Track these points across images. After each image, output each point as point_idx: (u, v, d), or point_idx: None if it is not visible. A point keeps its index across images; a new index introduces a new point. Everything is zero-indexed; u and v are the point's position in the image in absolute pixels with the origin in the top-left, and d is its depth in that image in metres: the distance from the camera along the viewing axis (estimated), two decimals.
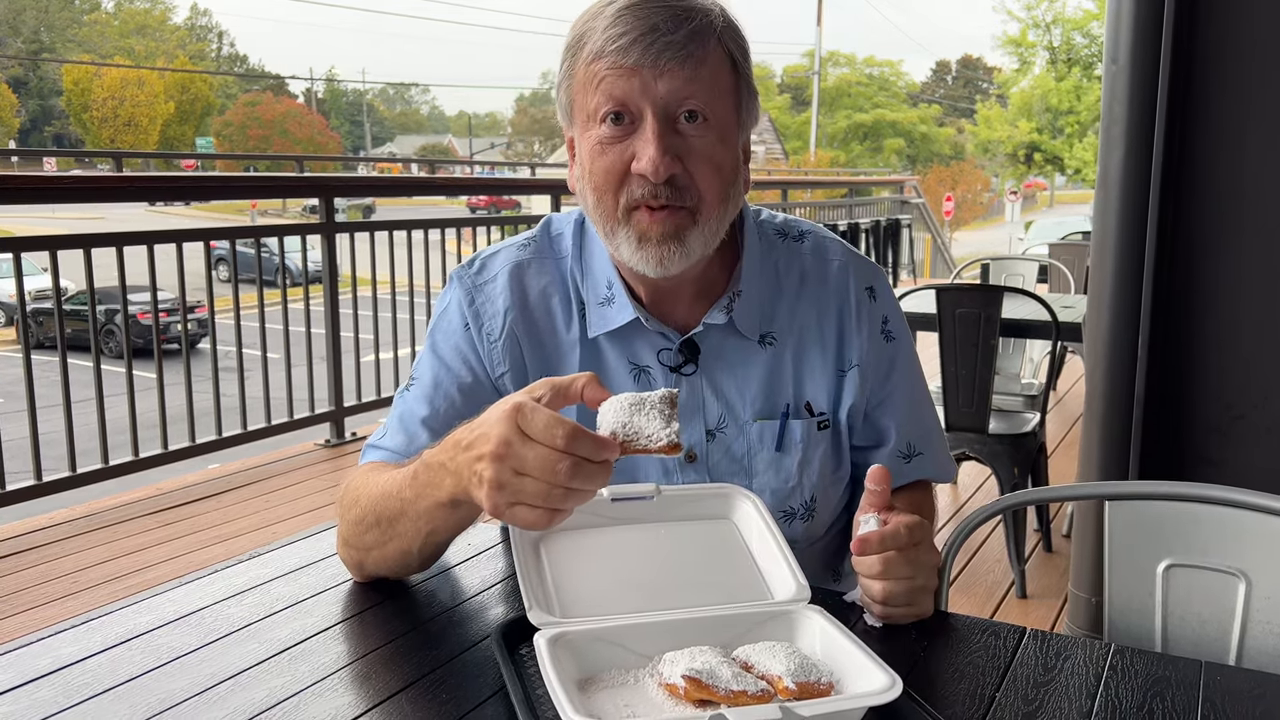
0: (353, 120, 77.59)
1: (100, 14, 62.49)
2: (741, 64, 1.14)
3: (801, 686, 0.83)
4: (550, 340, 1.23)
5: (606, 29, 1.08)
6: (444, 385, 1.22)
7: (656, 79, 1.07)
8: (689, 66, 1.07)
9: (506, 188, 16.10)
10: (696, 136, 1.09)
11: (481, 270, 1.26)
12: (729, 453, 1.22)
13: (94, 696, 0.90)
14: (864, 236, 9.75)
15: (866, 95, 58.28)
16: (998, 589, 3.24)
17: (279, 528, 3.69)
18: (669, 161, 1.08)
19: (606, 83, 1.08)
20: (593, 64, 1.09)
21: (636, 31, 1.06)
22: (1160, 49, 2.31)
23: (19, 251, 3.69)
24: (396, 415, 1.23)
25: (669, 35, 1.06)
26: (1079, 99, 37.78)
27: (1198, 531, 1.24)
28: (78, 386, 3.76)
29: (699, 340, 1.21)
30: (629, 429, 0.88)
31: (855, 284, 1.26)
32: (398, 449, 1.20)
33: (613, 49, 1.07)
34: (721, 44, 1.11)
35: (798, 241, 1.28)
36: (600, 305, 1.22)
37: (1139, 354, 2.42)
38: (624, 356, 1.22)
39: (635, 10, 1.08)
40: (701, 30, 1.08)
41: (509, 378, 1.22)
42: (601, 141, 1.10)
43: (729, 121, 1.13)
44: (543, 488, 0.86)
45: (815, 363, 1.24)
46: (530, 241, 1.27)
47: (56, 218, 21.36)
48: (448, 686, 0.92)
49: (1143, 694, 0.91)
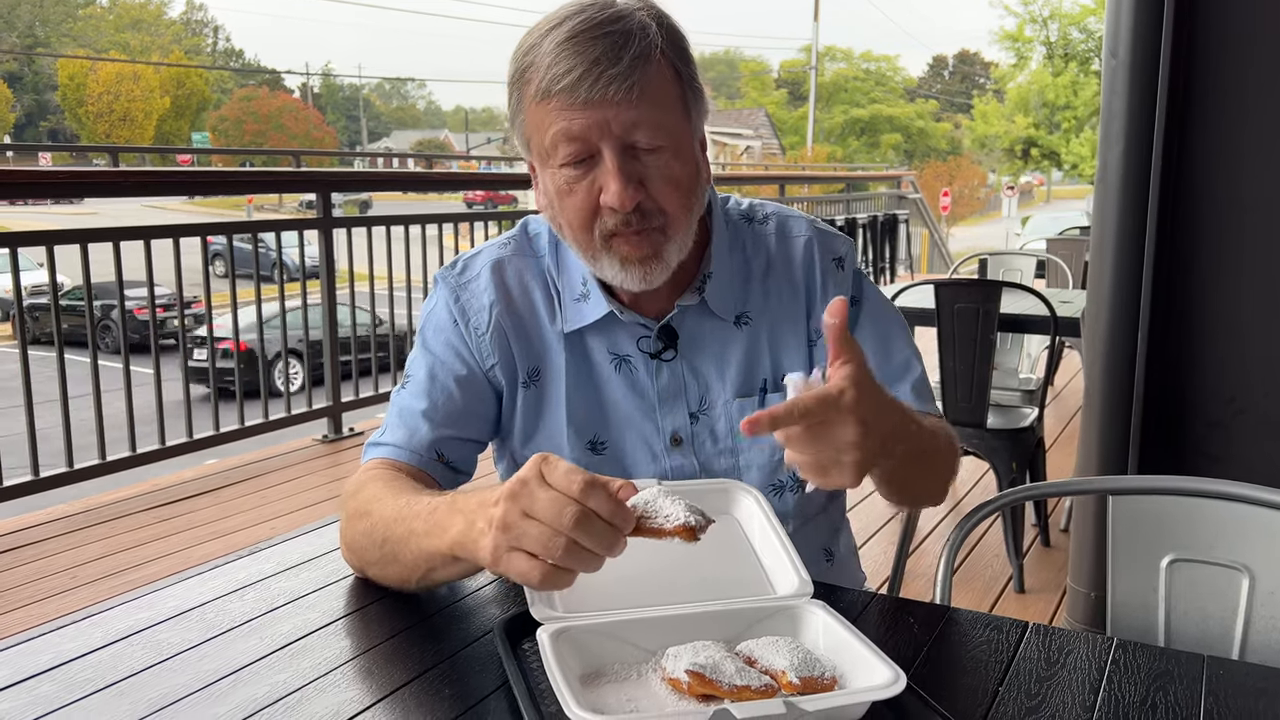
0: (349, 115, 77.44)
1: (95, 8, 62.29)
2: (684, 70, 1.14)
3: (805, 681, 0.83)
4: (535, 333, 1.25)
5: (549, 66, 1.08)
6: (440, 379, 1.23)
7: (606, 113, 1.07)
8: (635, 93, 1.07)
9: (504, 183, 16.15)
10: (654, 160, 1.11)
11: (464, 270, 1.28)
12: (713, 433, 1.24)
13: (96, 692, 0.89)
14: (861, 232, 9.74)
15: (863, 90, 58.22)
16: (996, 583, 3.25)
17: (277, 523, 3.69)
18: (633, 191, 1.10)
19: (560, 124, 1.09)
20: (541, 103, 1.10)
21: (580, 68, 1.06)
22: (1160, 44, 2.30)
23: (15, 247, 3.68)
24: (395, 412, 1.24)
25: (612, 68, 1.06)
26: (1076, 94, 37.80)
27: (1201, 526, 1.24)
28: (75, 382, 3.75)
29: (676, 325, 1.24)
30: (650, 506, 0.89)
31: (821, 256, 1.28)
32: (400, 443, 1.20)
33: (559, 90, 1.07)
34: (664, 59, 1.11)
35: (763, 224, 1.31)
36: (576, 301, 1.24)
37: (1138, 348, 2.42)
38: (605, 347, 1.25)
39: (575, 44, 1.07)
40: (643, 54, 1.08)
41: (499, 369, 1.24)
42: (568, 182, 1.12)
43: (682, 133, 1.14)
44: (546, 533, 0.84)
45: (789, 338, 1.26)
46: (510, 240, 1.30)
47: (52, 212, 21.30)
48: (451, 681, 0.92)
49: (1146, 688, 0.91)
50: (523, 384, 1.25)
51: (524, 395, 1.25)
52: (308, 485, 4.16)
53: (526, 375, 1.25)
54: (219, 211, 30.10)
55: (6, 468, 3.54)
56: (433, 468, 1.20)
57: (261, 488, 4.12)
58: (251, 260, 4.72)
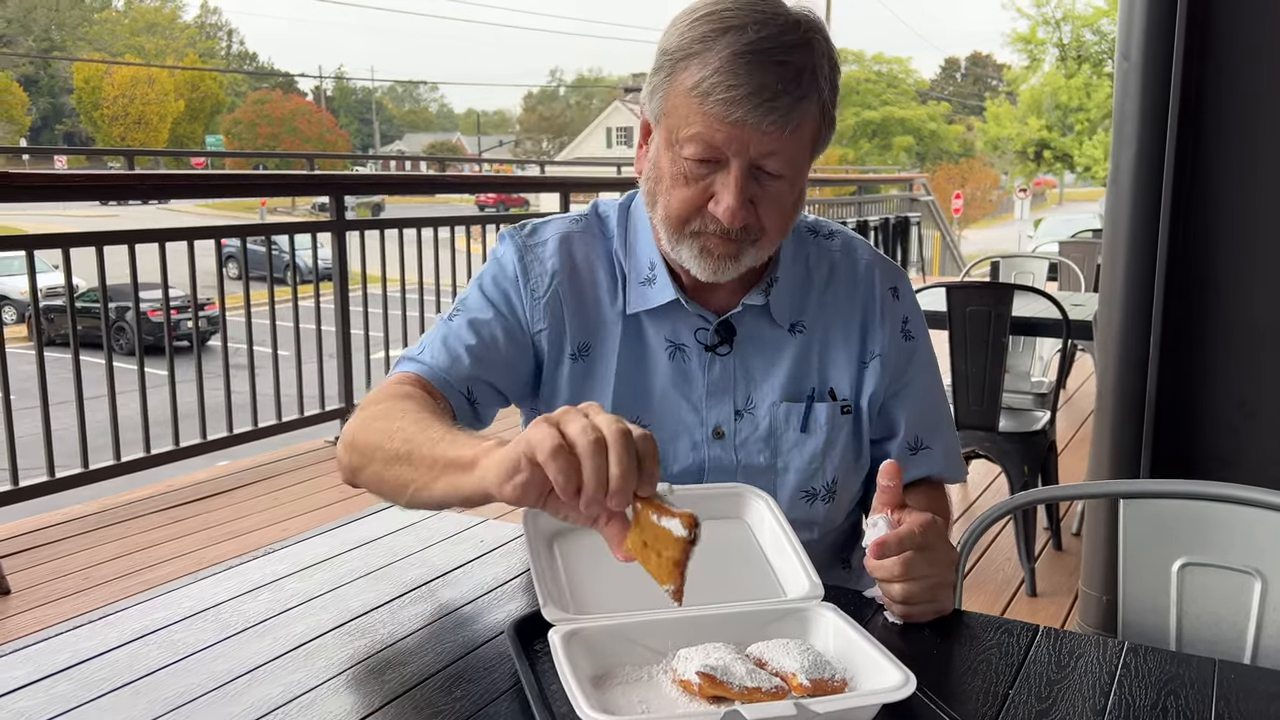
0: (361, 118, 77.68)
1: (111, 12, 62.66)
2: (831, 112, 1.14)
3: (815, 683, 0.84)
4: (594, 310, 1.26)
5: (716, 71, 1.07)
6: (491, 324, 1.24)
7: (751, 136, 1.08)
8: (786, 130, 1.08)
9: (516, 185, 16.21)
10: (773, 185, 1.13)
11: (534, 233, 1.30)
12: (756, 431, 1.25)
13: (112, 691, 0.90)
14: (873, 234, 9.72)
15: (875, 92, 58.09)
16: (1008, 587, 3.24)
17: (290, 524, 3.70)
18: (745, 213, 1.12)
19: (705, 128, 1.09)
20: (693, 97, 1.09)
21: (747, 89, 1.06)
22: (1173, 45, 2.30)
23: (31, 249, 3.70)
24: (439, 336, 1.24)
25: (775, 100, 1.06)
26: (1089, 96, 37.61)
27: (1213, 530, 1.24)
28: (90, 383, 3.77)
29: (735, 322, 1.26)
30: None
31: (881, 283, 1.31)
32: (439, 365, 1.20)
33: (720, 98, 1.07)
34: (821, 102, 1.11)
35: (828, 239, 1.34)
36: (642, 284, 1.25)
37: (1151, 351, 2.41)
38: (662, 333, 1.26)
39: (748, 61, 1.06)
40: (807, 94, 1.09)
41: (545, 335, 1.25)
42: (685, 175, 1.13)
43: (804, 165, 1.15)
44: (583, 422, 0.82)
45: (840, 351, 1.28)
46: (581, 218, 1.32)
47: (67, 215, 21.44)
48: (462, 682, 0.92)
49: (1157, 692, 0.91)
50: (570, 356, 1.26)
51: (570, 367, 1.26)
52: (320, 486, 4.18)
53: (576, 349, 1.26)
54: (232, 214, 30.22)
55: (23, 468, 3.56)
56: (459, 402, 1.20)
57: (274, 489, 4.14)
58: (265, 262, 4.75)
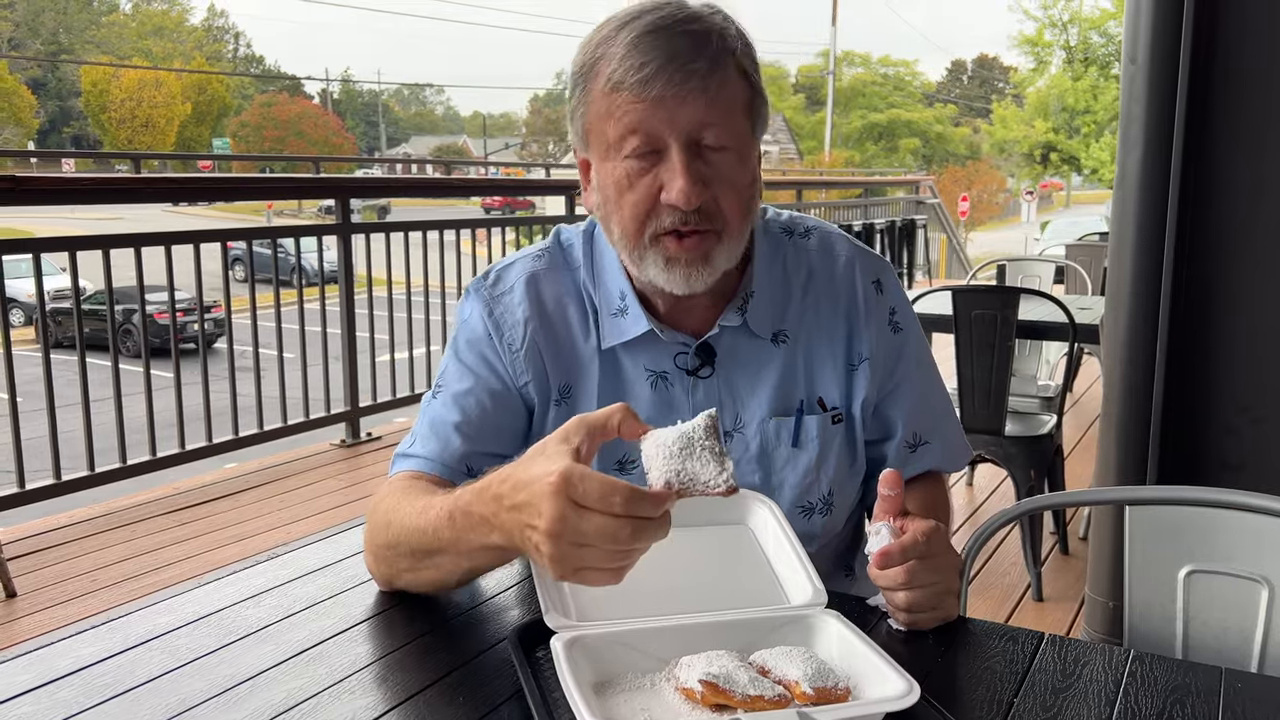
0: (368, 121, 77.85)
1: (118, 15, 62.93)
2: (754, 76, 1.13)
3: (819, 691, 0.83)
4: (569, 350, 1.23)
5: (624, 58, 1.07)
6: (474, 391, 1.21)
7: (679, 109, 1.07)
8: (710, 93, 1.07)
9: (521, 188, 16.19)
10: (719, 161, 1.11)
11: (497, 282, 1.26)
12: (747, 451, 1.23)
13: (114, 697, 0.90)
14: (879, 237, 9.70)
15: (881, 95, 58.06)
16: (1014, 592, 3.23)
17: (295, 527, 3.71)
18: (699, 190, 1.09)
19: (630, 116, 1.08)
20: (612, 94, 1.09)
21: (658, 62, 1.05)
22: (1179, 48, 2.29)
23: (38, 252, 3.71)
24: (426, 422, 1.22)
25: (690, 64, 1.06)
26: (1095, 98, 37.54)
27: (1220, 537, 1.23)
28: (96, 386, 3.78)
29: (714, 343, 1.22)
30: (684, 476, 0.85)
31: (862, 278, 1.27)
32: (431, 455, 1.19)
33: (634, 80, 1.06)
34: (737, 62, 1.11)
35: (804, 238, 1.30)
36: (614, 316, 1.22)
37: (1157, 356, 2.40)
38: (641, 364, 1.22)
39: (653, 38, 1.06)
40: (720, 54, 1.08)
41: (532, 386, 1.22)
42: (629, 175, 1.11)
43: (746, 139, 1.13)
44: (607, 553, 0.83)
45: (826, 359, 1.25)
46: (544, 253, 1.28)
47: (74, 218, 21.52)
48: (465, 689, 0.92)
49: (1163, 701, 0.91)
50: (554, 401, 1.23)
51: (555, 412, 1.23)
52: (325, 490, 4.18)
53: (559, 392, 1.23)
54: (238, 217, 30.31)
55: (29, 470, 3.58)
56: (461, 480, 1.18)
57: (279, 492, 4.14)
58: (271, 265, 4.75)
